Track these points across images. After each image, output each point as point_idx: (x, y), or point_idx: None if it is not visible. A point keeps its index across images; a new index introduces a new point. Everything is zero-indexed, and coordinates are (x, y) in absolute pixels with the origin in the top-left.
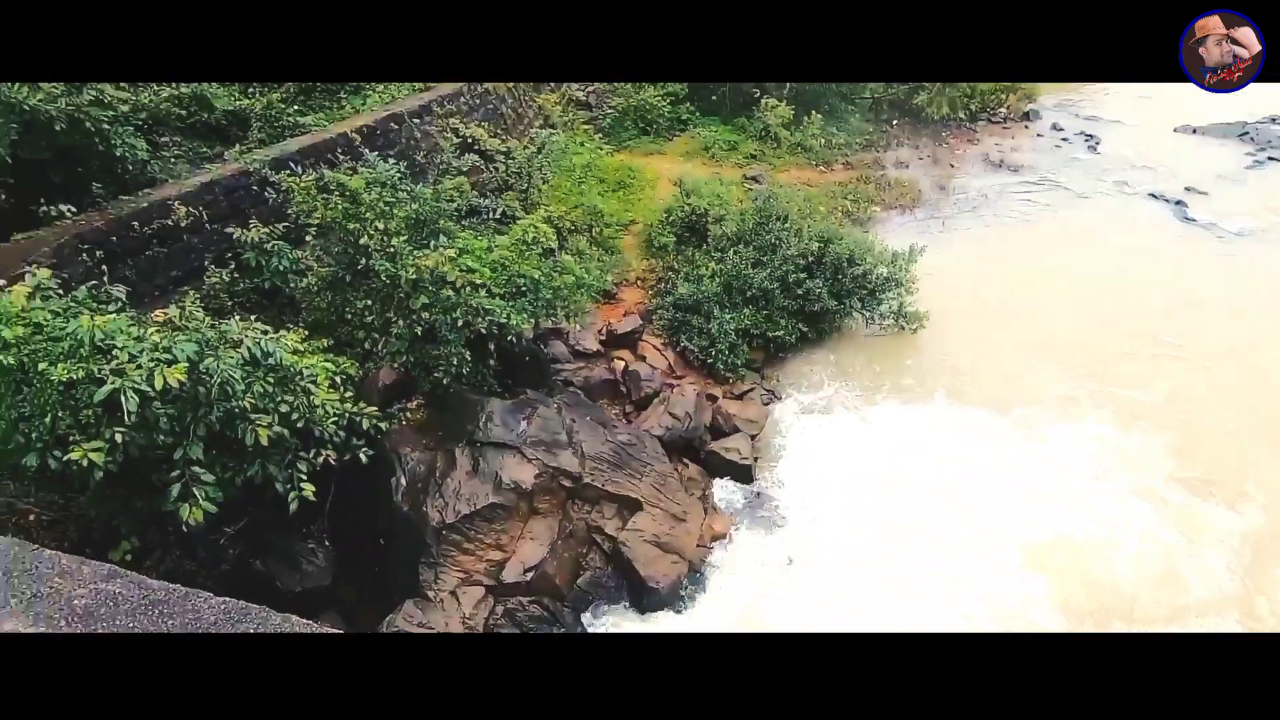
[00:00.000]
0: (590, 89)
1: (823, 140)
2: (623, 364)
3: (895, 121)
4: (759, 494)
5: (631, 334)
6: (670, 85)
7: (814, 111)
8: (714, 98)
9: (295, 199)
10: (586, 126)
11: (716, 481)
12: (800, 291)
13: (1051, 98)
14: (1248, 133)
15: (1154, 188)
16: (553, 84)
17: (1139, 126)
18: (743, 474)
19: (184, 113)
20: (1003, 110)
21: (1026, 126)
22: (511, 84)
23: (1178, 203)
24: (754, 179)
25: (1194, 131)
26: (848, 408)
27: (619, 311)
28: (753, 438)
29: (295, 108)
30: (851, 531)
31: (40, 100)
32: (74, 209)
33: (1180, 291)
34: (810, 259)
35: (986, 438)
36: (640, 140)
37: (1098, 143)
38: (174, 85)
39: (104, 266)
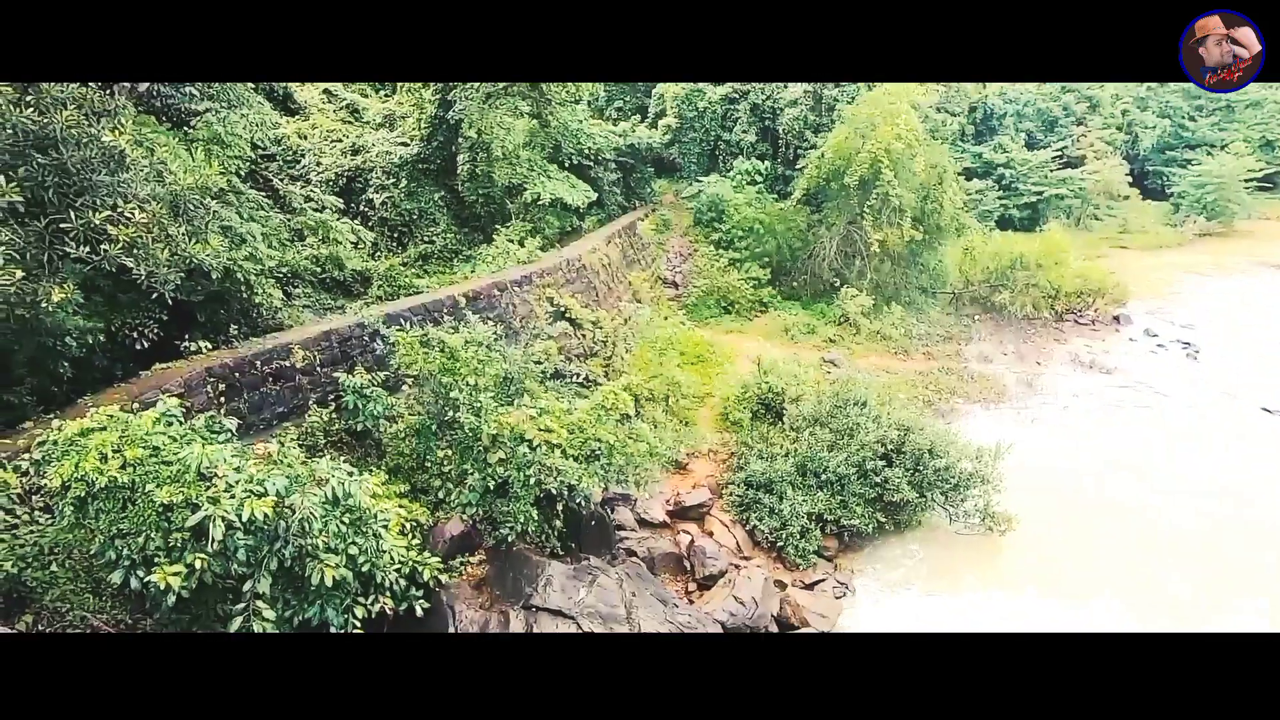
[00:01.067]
0: (677, 269)
1: (902, 330)
2: (689, 538)
3: (977, 316)
4: None
5: (700, 507)
6: (753, 270)
7: (893, 302)
8: (794, 284)
9: (399, 351)
10: (671, 303)
11: None
12: (878, 479)
13: (1142, 303)
14: None
15: (1266, 402)
16: (641, 262)
17: (1242, 337)
18: None
19: (318, 269)
20: (1090, 312)
21: (1117, 330)
22: (606, 260)
23: None
24: (832, 362)
25: None
26: (928, 602)
27: (689, 483)
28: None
29: (414, 270)
30: None
31: (208, 255)
32: (209, 345)
33: None
34: (889, 447)
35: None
36: (722, 319)
37: (1197, 351)
38: (315, 246)
39: (223, 398)
